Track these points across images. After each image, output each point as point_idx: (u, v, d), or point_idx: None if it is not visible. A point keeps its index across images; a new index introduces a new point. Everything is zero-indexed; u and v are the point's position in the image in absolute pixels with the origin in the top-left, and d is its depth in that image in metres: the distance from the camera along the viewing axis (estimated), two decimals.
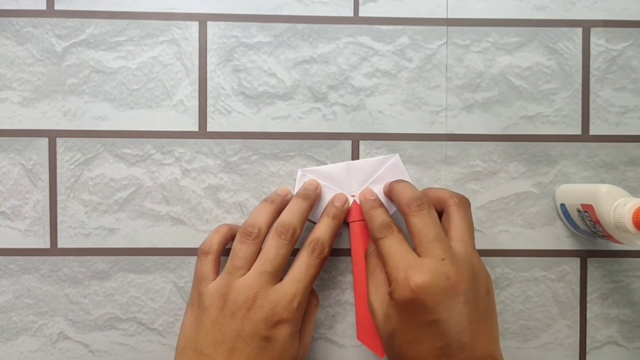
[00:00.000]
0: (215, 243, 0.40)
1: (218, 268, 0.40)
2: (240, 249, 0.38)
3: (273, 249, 0.38)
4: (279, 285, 0.37)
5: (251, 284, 0.37)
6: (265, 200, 0.40)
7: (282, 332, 0.36)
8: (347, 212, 0.42)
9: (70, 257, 0.43)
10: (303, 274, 0.38)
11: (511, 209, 0.44)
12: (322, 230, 0.40)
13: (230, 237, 0.41)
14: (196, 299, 0.38)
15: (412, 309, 0.34)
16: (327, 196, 0.43)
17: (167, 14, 0.43)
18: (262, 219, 0.39)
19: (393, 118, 0.44)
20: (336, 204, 0.41)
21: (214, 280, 0.38)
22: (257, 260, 0.38)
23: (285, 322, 0.36)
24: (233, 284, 0.37)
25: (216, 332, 0.36)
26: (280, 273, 0.38)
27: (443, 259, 0.34)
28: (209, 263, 0.39)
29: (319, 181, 0.43)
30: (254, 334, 0.36)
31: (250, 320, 0.36)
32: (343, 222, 0.42)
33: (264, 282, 0.37)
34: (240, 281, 0.37)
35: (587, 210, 0.39)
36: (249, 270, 0.38)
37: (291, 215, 0.39)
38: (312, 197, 0.41)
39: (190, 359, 0.36)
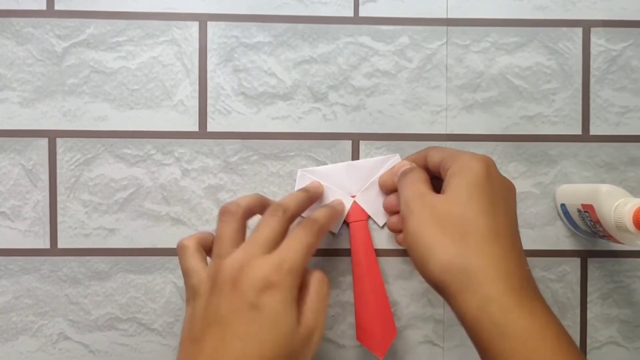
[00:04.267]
0: (194, 237, 0.37)
1: (205, 259, 0.37)
2: (222, 229, 0.36)
3: (262, 223, 0.36)
4: (267, 255, 0.35)
5: (238, 256, 0.34)
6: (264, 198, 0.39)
7: (273, 299, 0.33)
8: (320, 196, 0.42)
9: (70, 258, 0.43)
10: (295, 241, 0.35)
11: None
12: (322, 213, 0.39)
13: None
14: (190, 292, 0.36)
15: (485, 181, 0.34)
16: (327, 196, 0.43)
17: (167, 14, 0.43)
18: (241, 201, 0.37)
19: (393, 118, 0.44)
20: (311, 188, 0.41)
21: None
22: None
23: (274, 288, 0.33)
24: (221, 264, 0.34)
25: (207, 316, 0.34)
26: (270, 245, 0.35)
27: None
28: (190, 257, 0.36)
29: (319, 181, 0.43)
30: (242, 305, 0.33)
31: (237, 292, 0.33)
32: (314, 199, 0.41)
33: (251, 253, 0.34)
34: (228, 258, 0.34)
35: (587, 210, 0.39)
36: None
37: (286, 198, 0.38)
38: (312, 192, 0.41)
39: (185, 349, 0.34)
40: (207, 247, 0.38)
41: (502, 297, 0.31)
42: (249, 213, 0.37)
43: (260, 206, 0.38)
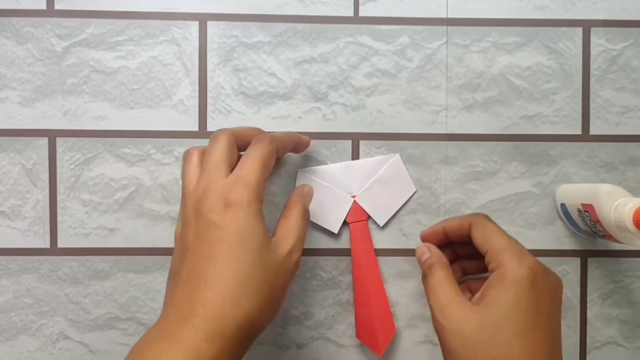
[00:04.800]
0: (199, 148, 0.38)
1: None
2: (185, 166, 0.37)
3: (207, 151, 0.36)
4: (223, 177, 0.34)
5: (198, 189, 0.34)
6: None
7: (234, 216, 0.32)
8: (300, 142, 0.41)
9: (70, 257, 0.43)
10: (248, 158, 0.35)
11: (511, 209, 0.44)
12: (275, 132, 0.39)
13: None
14: (179, 216, 0.37)
15: (529, 292, 0.32)
16: (327, 196, 0.43)
17: (167, 13, 0.43)
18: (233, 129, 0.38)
19: (393, 118, 0.44)
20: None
21: None
22: None
23: (233, 205, 0.33)
24: (185, 200, 0.35)
25: (181, 249, 0.34)
26: (222, 166, 0.35)
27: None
28: (189, 167, 0.37)
29: (319, 181, 0.43)
30: (207, 228, 0.33)
31: (200, 219, 0.33)
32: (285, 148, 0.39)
33: (208, 180, 0.34)
34: (190, 193, 0.35)
35: (587, 210, 0.39)
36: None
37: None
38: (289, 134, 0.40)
39: (168, 285, 0.34)
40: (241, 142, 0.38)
41: None
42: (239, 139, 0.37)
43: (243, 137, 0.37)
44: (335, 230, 0.43)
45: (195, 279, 0.32)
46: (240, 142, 0.37)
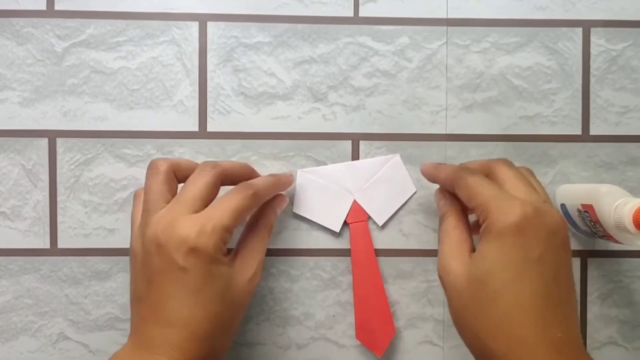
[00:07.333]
0: (168, 161, 0.37)
1: (172, 189, 0.37)
2: (149, 182, 0.36)
3: (188, 181, 0.35)
4: (193, 214, 0.34)
5: (163, 216, 0.34)
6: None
7: (198, 261, 0.32)
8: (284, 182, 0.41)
9: (70, 258, 0.43)
10: (224, 201, 0.34)
11: None
12: (261, 180, 0.38)
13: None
14: (131, 239, 0.37)
15: (515, 240, 0.31)
16: (327, 196, 0.43)
17: (167, 14, 0.43)
18: (163, 161, 0.37)
19: (393, 118, 0.44)
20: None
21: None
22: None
23: (198, 250, 0.32)
24: (148, 222, 0.34)
25: (144, 275, 0.34)
26: (195, 204, 0.34)
27: (545, 201, 0.33)
28: (156, 183, 0.36)
29: (320, 181, 0.43)
30: (170, 267, 0.32)
31: (163, 254, 0.33)
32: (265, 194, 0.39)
33: (175, 212, 0.33)
34: (154, 216, 0.34)
35: (587, 211, 0.39)
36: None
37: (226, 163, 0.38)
38: (277, 176, 0.40)
39: (133, 308, 0.35)
40: (180, 174, 0.37)
41: None
42: (177, 169, 0.37)
43: (190, 169, 0.37)
44: (337, 229, 0.43)
45: (165, 316, 0.33)
46: (225, 179, 0.37)
